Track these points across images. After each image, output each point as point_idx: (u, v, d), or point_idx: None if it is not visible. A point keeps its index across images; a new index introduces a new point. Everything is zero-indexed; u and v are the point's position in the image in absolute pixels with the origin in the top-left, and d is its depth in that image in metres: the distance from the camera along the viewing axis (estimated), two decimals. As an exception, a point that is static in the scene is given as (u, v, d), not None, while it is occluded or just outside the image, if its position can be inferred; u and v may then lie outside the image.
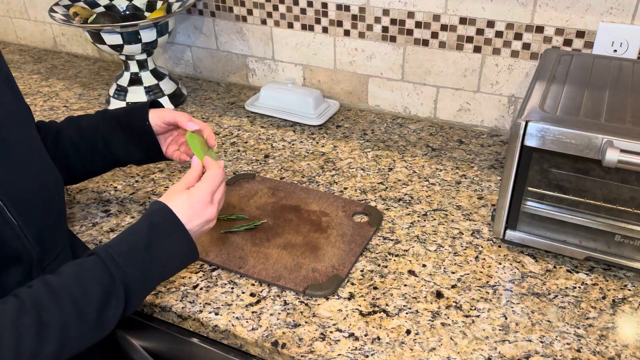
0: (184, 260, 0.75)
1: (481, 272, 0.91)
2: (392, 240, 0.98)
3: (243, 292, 0.88)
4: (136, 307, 0.70)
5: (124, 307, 0.67)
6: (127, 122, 0.92)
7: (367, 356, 0.77)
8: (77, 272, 0.66)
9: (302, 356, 0.77)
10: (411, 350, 0.77)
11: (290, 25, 1.40)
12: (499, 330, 0.80)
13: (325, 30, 1.36)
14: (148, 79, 1.42)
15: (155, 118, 0.91)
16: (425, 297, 0.86)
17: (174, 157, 0.95)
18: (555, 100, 0.87)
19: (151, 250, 0.70)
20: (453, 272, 0.90)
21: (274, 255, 0.93)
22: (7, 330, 0.58)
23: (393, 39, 1.29)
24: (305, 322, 0.82)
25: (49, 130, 0.92)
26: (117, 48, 1.32)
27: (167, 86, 1.45)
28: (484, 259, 0.93)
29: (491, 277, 0.89)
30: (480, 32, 1.20)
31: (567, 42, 1.14)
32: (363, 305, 0.85)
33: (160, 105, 0.97)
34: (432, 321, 0.82)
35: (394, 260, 0.93)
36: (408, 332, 0.80)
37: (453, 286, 0.88)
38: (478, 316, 0.83)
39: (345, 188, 1.11)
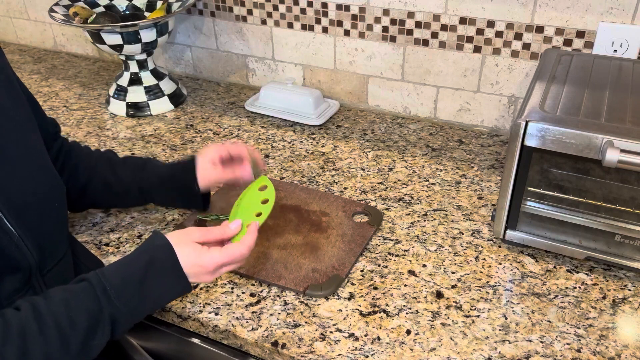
0: (175, 296, 0.73)
1: (481, 272, 0.91)
2: (392, 240, 0.98)
3: (243, 292, 0.88)
4: (121, 335, 0.69)
5: (108, 338, 0.66)
6: (172, 183, 0.95)
7: (367, 356, 0.77)
8: (67, 298, 0.64)
9: (302, 356, 0.77)
10: (411, 350, 0.77)
11: (290, 25, 1.40)
12: (499, 330, 0.80)
13: (325, 30, 1.36)
14: (148, 79, 1.42)
15: (208, 180, 0.94)
16: (425, 297, 0.86)
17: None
18: (555, 100, 0.87)
19: (145, 287, 0.68)
20: (453, 272, 0.90)
21: (274, 255, 0.93)
22: None
23: (393, 39, 1.29)
24: (305, 322, 0.82)
25: (80, 161, 0.93)
26: (117, 48, 1.32)
27: (167, 86, 1.45)
28: (484, 259, 0.93)
29: (491, 277, 0.89)
30: (480, 32, 1.20)
31: (567, 42, 1.13)
32: (363, 306, 0.85)
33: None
34: (432, 321, 0.82)
35: (394, 260, 0.93)
36: (408, 332, 0.80)
37: (453, 286, 0.88)
38: (478, 316, 0.83)
39: (345, 188, 1.11)
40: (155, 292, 0.69)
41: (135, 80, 1.42)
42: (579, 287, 0.87)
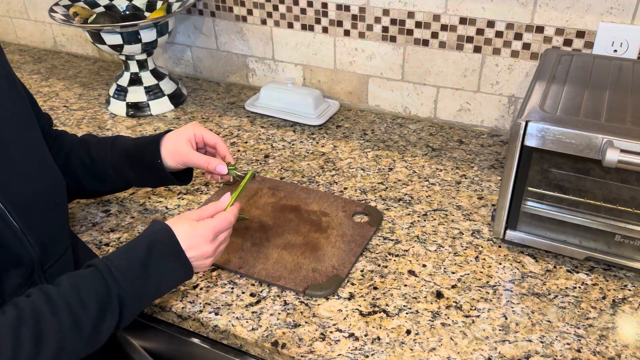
0: (178, 281, 0.76)
1: (481, 272, 0.91)
2: (392, 240, 0.98)
3: (243, 292, 0.88)
4: (128, 322, 0.70)
5: (117, 321, 0.67)
6: (137, 157, 0.92)
7: (367, 356, 0.77)
8: (75, 283, 0.66)
9: (302, 356, 0.77)
10: (411, 350, 0.77)
11: (290, 25, 1.40)
12: (499, 330, 0.80)
13: (325, 30, 1.36)
14: (148, 79, 1.42)
15: (171, 160, 0.90)
16: (425, 297, 0.86)
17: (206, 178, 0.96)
18: (555, 100, 0.87)
19: (148, 269, 0.70)
20: (453, 272, 0.90)
21: (274, 255, 0.93)
22: (7, 340, 0.58)
23: (393, 39, 1.29)
24: (305, 322, 0.82)
25: (62, 147, 0.93)
26: (117, 48, 1.32)
27: (167, 86, 1.45)
28: (484, 259, 0.93)
29: (491, 277, 0.89)
30: (480, 32, 1.20)
31: (567, 42, 1.14)
32: (363, 305, 0.85)
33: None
34: (432, 321, 0.82)
35: (394, 260, 0.93)
36: (408, 332, 0.80)
37: (453, 286, 0.88)
38: (478, 316, 0.83)
39: (345, 188, 1.11)
40: (158, 273, 0.71)
41: (135, 80, 1.42)
42: (579, 287, 0.87)
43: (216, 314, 0.84)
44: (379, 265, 0.92)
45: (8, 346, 0.58)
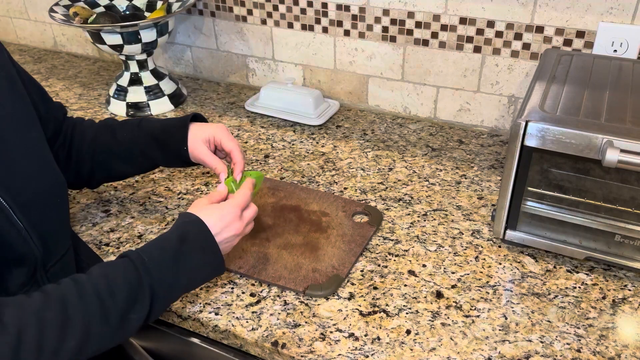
0: (210, 274, 0.76)
1: (481, 272, 0.91)
2: (392, 240, 0.98)
3: (243, 292, 0.88)
4: (158, 315, 0.70)
5: (147, 312, 0.67)
6: (164, 141, 0.92)
7: (367, 356, 0.77)
8: (107, 272, 0.66)
9: (302, 356, 0.77)
10: (411, 350, 0.78)
11: (290, 25, 1.40)
12: (499, 330, 0.80)
13: (325, 30, 1.36)
14: (148, 79, 1.42)
15: (193, 155, 0.91)
16: (425, 297, 0.86)
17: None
18: (555, 100, 0.87)
19: (180, 261, 0.70)
20: (453, 272, 0.90)
21: (274, 255, 0.93)
22: (31, 323, 0.58)
23: (393, 39, 1.29)
24: (305, 322, 0.82)
25: (85, 134, 0.93)
26: (117, 48, 1.32)
27: (167, 86, 1.45)
28: (484, 259, 0.93)
29: (491, 277, 0.89)
30: (480, 32, 1.20)
31: (567, 42, 1.14)
32: (363, 305, 0.85)
33: (202, 119, 0.96)
34: (432, 321, 0.82)
35: (394, 260, 0.93)
36: (408, 332, 0.80)
37: (453, 286, 0.88)
38: (478, 316, 0.83)
39: (345, 188, 1.11)
40: (190, 265, 0.72)
41: (135, 80, 1.42)
42: (579, 287, 0.87)
43: (216, 314, 0.84)
44: (379, 265, 0.92)
45: (34, 331, 0.58)
